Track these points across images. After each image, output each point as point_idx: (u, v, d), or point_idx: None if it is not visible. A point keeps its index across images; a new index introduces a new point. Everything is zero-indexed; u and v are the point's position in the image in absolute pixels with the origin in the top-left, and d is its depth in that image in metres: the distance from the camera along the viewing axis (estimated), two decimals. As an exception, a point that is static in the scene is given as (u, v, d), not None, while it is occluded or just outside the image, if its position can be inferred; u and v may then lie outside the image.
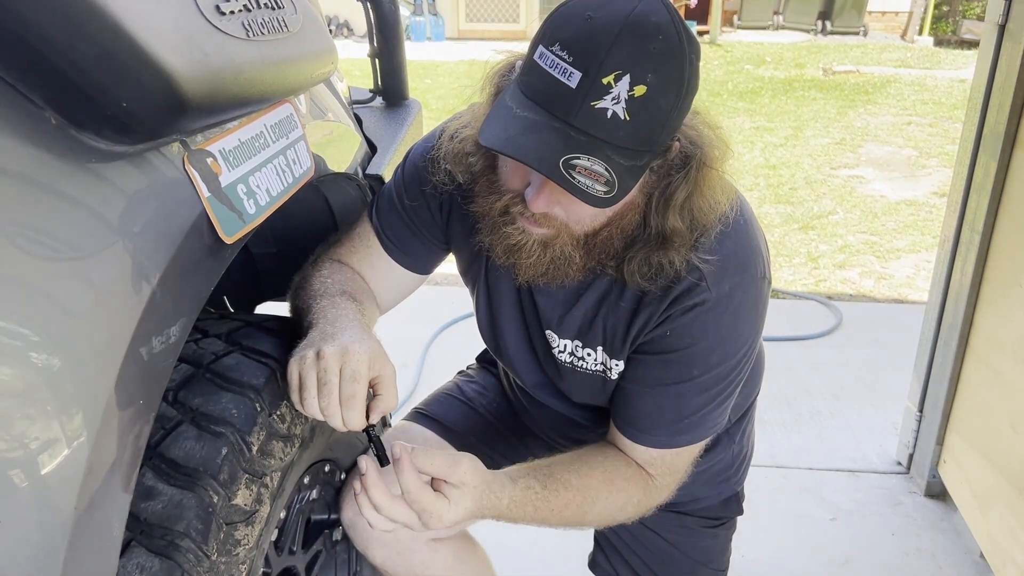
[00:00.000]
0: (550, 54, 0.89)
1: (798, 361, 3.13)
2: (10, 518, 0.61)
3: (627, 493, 1.18)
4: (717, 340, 1.11)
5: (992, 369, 1.98)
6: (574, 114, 0.88)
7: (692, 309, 1.08)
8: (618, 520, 1.21)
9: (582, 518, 1.16)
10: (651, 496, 1.21)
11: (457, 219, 1.26)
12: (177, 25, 0.79)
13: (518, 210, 1.04)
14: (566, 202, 0.99)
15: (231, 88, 0.88)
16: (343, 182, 1.41)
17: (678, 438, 1.17)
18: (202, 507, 0.94)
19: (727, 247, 1.09)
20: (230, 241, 0.92)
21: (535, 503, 1.10)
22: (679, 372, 1.13)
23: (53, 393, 0.66)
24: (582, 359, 1.23)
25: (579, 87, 0.87)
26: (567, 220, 1.03)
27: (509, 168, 1.04)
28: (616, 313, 1.16)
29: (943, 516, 2.26)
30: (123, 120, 0.74)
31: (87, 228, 0.73)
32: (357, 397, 0.97)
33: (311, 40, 1.12)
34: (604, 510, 1.17)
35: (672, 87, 0.90)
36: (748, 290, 1.10)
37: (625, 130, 0.89)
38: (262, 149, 1.01)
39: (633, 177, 0.94)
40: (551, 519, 1.13)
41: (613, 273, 1.12)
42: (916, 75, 10.15)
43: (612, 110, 0.87)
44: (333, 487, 1.38)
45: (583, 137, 0.89)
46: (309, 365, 0.98)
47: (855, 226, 4.82)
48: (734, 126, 7.53)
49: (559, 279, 1.10)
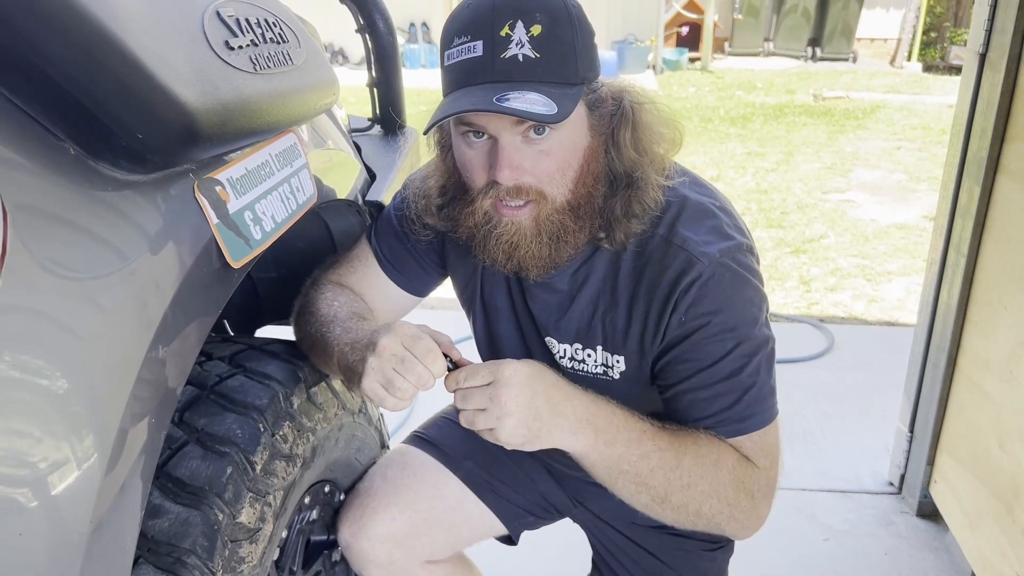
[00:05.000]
0: (454, 48, 1.01)
1: (791, 383, 3.15)
2: (30, 532, 0.64)
3: (731, 471, 1.10)
4: (730, 306, 1.10)
5: (979, 389, 2.02)
6: (491, 71, 0.98)
7: (692, 287, 1.09)
8: (718, 500, 1.09)
9: (682, 478, 1.07)
10: (752, 475, 1.12)
11: (451, 244, 1.30)
12: (190, 60, 0.83)
13: (494, 202, 1.07)
14: (530, 160, 1.04)
15: (239, 119, 0.92)
16: (344, 208, 1.45)
17: (749, 421, 1.11)
18: (208, 525, 0.96)
19: (707, 223, 1.12)
20: (237, 266, 0.95)
21: (633, 432, 1.06)
22: (713, 350, 1.10)
23: (67, 413, 0.68)
24: (582, 362, 1.23)
25: (485, 51, 0.98)
26: (540, 184, 1.06)
27: (472, 169, 1.08)
28: (614, 309, 1.17)
29: (935, 536, 2.28)
30: (138, 151, 0.78)
31: (102, 253, 0.76)
32: (433, 347, 1.01)
33: (314, 72, 1.16)
34: (711, 483, 1.08)
35: (563, 20, 1.00)
36: (738, 258, 1.11)
37: (541, 67, 0.98)
38: (267, 177, 1.05)
39: (570, 101, 1.00)
40: (648, 465, 1.06)
41: (606, 242, 1.14)
42: (905, 100, 10.28)
43: (520, 54, 0.98)
44: (332, 507, 1.41)
45: (507, 83, 0.98)
46: (378, 366, 1.00)
47: (846, 250, 4.87)
48: (726, 151, 7.61)
49: (565, 255, 1.12)
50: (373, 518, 1.36)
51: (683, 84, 12.00)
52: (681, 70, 13.58)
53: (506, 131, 1.01)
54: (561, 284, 1.20)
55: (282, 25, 1.12)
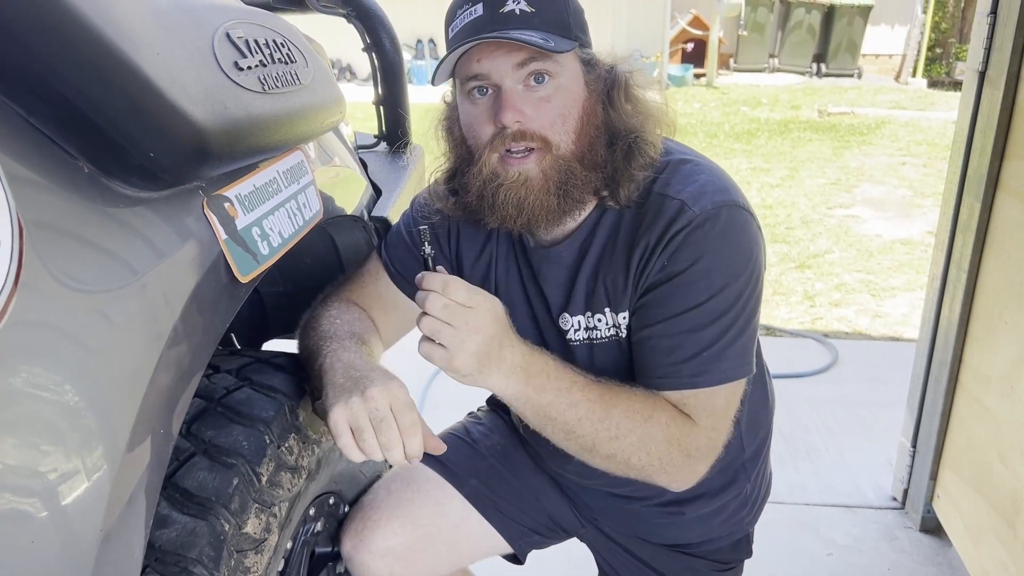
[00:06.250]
0: (457, 18, 1.10)
1: (795, 398, 3.16)
2: (42, 540, 0.66)
3: (665, 428, 1.12)
4: (713, 259, 1.10)
5: (981, 404, 2.02)
6: (491, 23, 1.07)
7: (681, 232, 1.10)
8: (647, 455, 1.11)
9: (610, 430, 1.09)
10: (689, 434, 1.13)
11: (466, 243, 1.33)
12: (200, 81, 0.86)
13: (500, 155, 1.12)
14: (531, 105, 1.10)
15: (248, 138, 0.95)
16: (350, 224, 1.47)
17: (704, 376, 1.12)
18: (214, 535, 0.98)
19: (701, 179, 1.15)
20: (245, 280, 0.97)
21: (563, 383, 1.09)
22: (685, 299, 1.11)
23: (78, 424, 0.70)
24: (595, 328, 1.23)
25: (485, 11, 1.07)
26: (543, 130, 1.11)
27: (478, 125, 1.13)
28: (614, 269, 1.18)
29: (938, 551, 2.28)
30: (150, 168, 0.80)
31: (114, 268, 0.78)
32: (418, 423, 1.02)
33: (321, 91, 1.18)
34: (641, 437, 1.10)
35: None
36: (733, 212, 1.12)
37: (537, 18, 1.07)
38: (275, 194, 1.07)
39: (565, 44, 1.08)
40: (575, 414, 1.09)
41: (610, 200, 1.17)
42: (910, 116, 10.30)
43: (518, 8, 1.07)
44: (336, 519, 1.42)
45: (505, 28, 1.06)
46: (359, 409, 1.01)
47: (851, 265, 4.88)
48: (731, 167, 7.64)
49: (574, 204, 1.16)
50: (375, 531, 1.37)
51: (688, 100, 12.05)
52: (686, 86, 13.64)
53: (508, 76, 1.08)
54: (568, 256, 1.23)
55: (290, 46, 1.15)
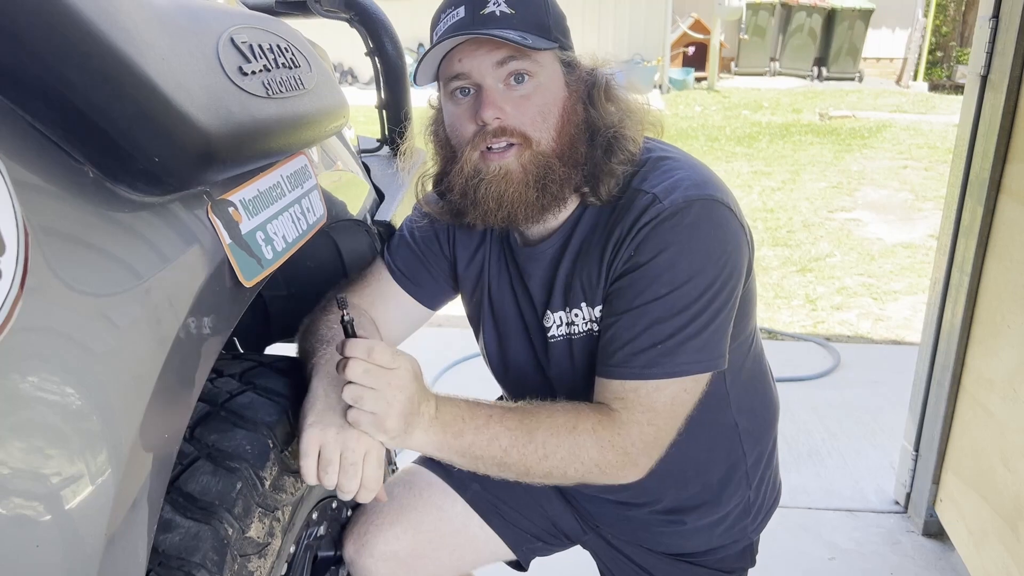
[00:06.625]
0: (441, 20, 1.14)
1: (797, 402, 3.16)
2: (47, 544, 0.66)
3: (592, 433, 1.12)
4: (678, 251, 1.10)
5: (983, 407, 2.02)
6: (472, 24, 1.10)
7: (649, 223, 1.11)
8: (582, 464, 1.12)
9: (537, 451, 1.10)
10: (620, 433, 1.13)
11: (460, 247, 1.36)
12: (205, 86, 0.86)
13: (481, 152, 1.14)
14: (512, 103, 1.12)
15: (252, 143, 0.95)
16: (353, 228, 1.47)
17: (654, 369, 1.11)
18: (217, 539, 0.98)
19: (678, 175, 1.15)
20: (249, 285, 0.97)
21: (478, 420, 1.10)
22: (647, 290, 1.11)
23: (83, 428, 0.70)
24: (573, 323, 1.24)
25: (467, 13, 1.11)
26: (523, 127, 1.13)
27: (460, 124, 1.16)
28: (589, 263, 1.19)
29: (941, 555, 2.28)
30: (155, 173, 0.80)
31: (119, 272, 0.78)
32: (379, 481, 1.07)
33: (325, 96, 1.19)
34: (570, 450, 1.11)
35: None
36: (707, 206, 1.11)
37: (516, 19, 1.10)
38: (279, 198, 1.07)
39: (543, 43, 1.11)
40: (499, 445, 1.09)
41: (591, 196, 1.19)
42: (911, 120, 10.31)
43: (498, 10, 1.10)
44: (339, 523, 1.42)
45: (485, 28, 1.09)
46: (333, 444, 1.04)
47: (852, 268, 4.88)
48: (732, 170, 7.64)
49: (553, 199, 1.17)
50: (376, 536, 1.38)
51: (689, 103, 12.06)
52: (687, 89, 13.66)
53: (488, 74, 1.11)
54: (550, 254, 1.25)
55: (294, 51, 1.15)
